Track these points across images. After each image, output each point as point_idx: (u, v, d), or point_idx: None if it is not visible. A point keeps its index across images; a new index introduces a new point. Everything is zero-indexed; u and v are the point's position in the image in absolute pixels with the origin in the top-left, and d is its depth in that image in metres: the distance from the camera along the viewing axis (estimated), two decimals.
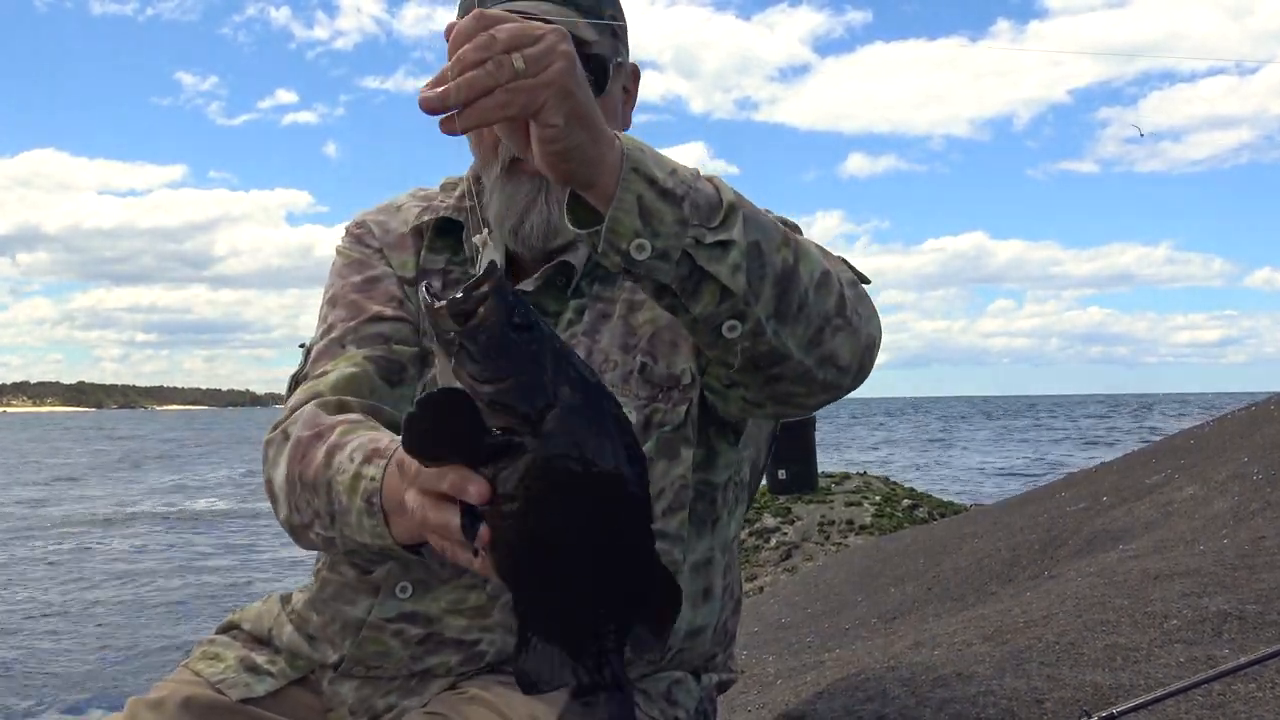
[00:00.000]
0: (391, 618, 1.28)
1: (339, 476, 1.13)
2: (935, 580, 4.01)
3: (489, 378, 0.83)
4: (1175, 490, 3.95)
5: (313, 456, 1.19)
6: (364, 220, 1.45)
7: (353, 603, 1.31)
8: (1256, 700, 1.73)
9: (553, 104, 0.94)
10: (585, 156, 0.98)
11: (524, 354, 0.83)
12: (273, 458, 1.27)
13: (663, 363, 1.28)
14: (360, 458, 1.12)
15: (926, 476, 19.14)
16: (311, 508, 1.19)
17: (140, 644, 7.91)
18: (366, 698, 1.31)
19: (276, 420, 1.31)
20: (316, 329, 1.39)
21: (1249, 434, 4.68)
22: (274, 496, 1.27)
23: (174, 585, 10.60)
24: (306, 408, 1.27)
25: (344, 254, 1.43)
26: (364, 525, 1.11)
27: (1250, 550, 2.64)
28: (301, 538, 1.25)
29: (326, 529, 1.18)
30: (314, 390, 1.29)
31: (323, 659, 1.33)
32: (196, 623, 8.61)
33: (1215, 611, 2.12)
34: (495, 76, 0.91)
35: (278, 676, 1.35)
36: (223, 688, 1.33)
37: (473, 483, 0.86)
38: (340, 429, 1.20)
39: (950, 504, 9.05)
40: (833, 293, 1.12)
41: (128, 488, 23.95)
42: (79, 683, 6.76)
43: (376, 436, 1.15)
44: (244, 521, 16.14)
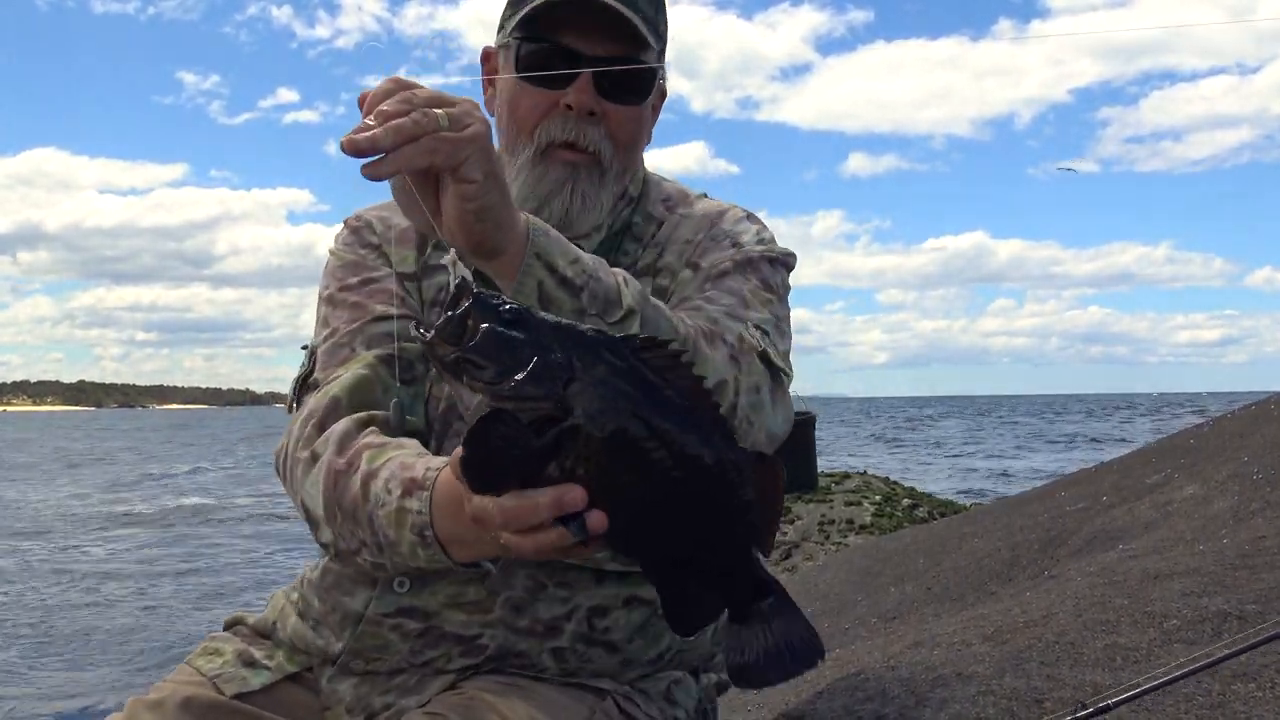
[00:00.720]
0: (389, 612, 1.29)
1: (380, 510, 1.13)
2: (935, 580, 4.01)
3: (502, 376, 0.84)
4: (1175, 490, 3.95)
5: (347, 486, 1.19)
6: (363, 215, 1.45)
7: (351, 594, 1.32)
8: (1256, 700, 1.72)
9: (474, 159, 0.97)
10: (498, 218, 1.01)
11: (526, 343, 0.85)
12: (300, 478, 1.26)
13: None
14: (398, 490, 1.12)
15: (926, 477, 19.15)
16: (357, 537, 1.19)
17: (137, 645, 7.91)
18: (364, 696, 1.31)
19: (293, 429, 1.29)
20: (317, 331, 1.38)
21: (1249, 434, 4.67)
22: (312, 520, 1.26)
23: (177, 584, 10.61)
24: (337, 427, 1.25)
25: (339, 255, 1.42)
26: (419, 555, 1.12)
27: (1250, 550, 2.63)
28: (348, 561, 1.24)
29: (375, 555, 1.18)
30: (331, 396, 1.28)
31: (325, 647, 1.34)
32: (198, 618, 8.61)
33: (1215, 611, 2.12)
34: (422, 125, 0.94)
35: (274, 670, 1.36)
36: (219, 682, 1.34)
37: (567, 495, 0.87)
38: (368, 454, 1.19)
39: (950, 504, 9.05)
40: (724, 402, 1.15)
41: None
42: (77, 683, 6.76)
43: (407, 463, 1.15)
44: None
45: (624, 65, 1.29)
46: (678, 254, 1.38)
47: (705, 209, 1.43)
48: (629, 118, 1.33)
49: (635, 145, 1.37)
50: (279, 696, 1.35)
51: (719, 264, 1.34)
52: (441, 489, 1.08)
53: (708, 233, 1.39)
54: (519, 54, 1.31)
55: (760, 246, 1.37)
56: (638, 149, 1.39)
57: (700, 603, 0.92)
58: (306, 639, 1.36)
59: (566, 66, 1.28)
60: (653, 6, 1.32)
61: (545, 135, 1.30)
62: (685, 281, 1.35)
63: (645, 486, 0.87)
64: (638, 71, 1.31)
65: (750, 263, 1.35)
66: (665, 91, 1.42)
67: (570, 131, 1.30)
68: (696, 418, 0.88)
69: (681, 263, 1.37)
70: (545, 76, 1.29)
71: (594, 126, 1.30)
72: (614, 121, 1.32)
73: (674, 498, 0.88)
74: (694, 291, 1.31)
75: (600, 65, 1.28)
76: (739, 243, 1.37)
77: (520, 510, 0.88)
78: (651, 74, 1.34)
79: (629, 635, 1.32)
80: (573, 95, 1.29)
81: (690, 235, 1.39)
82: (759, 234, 1.40)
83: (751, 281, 1.33)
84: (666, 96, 1.43)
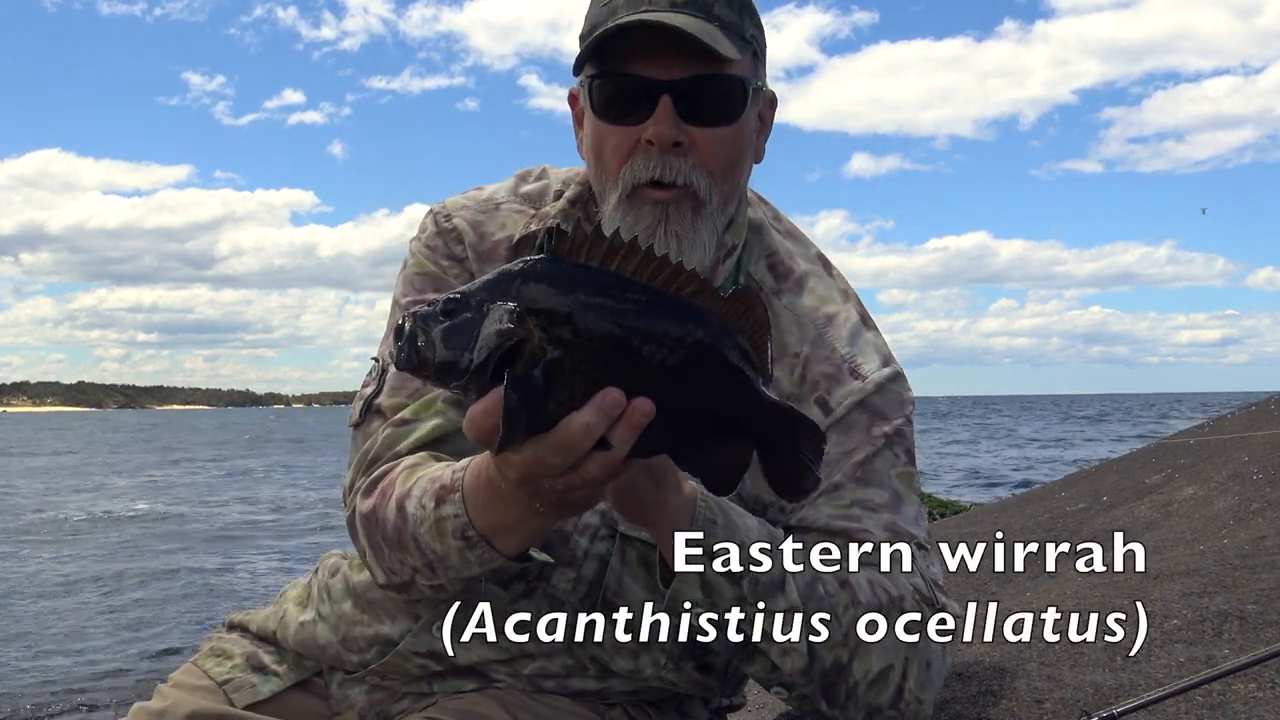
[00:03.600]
0: (421, 651, 1.27)
1: (420, 529, 1.11)
2: None
3: (460, 351, 0.85)
4: (1175, 490, 3.95)
5: (385, 516, 1.16)
6: (455, 218, 1.33)
7: (391, 619, 1.29)
8: (1256, 700, 1.72)
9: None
10: (638, 504, 1.04)
11: (467, 321, 0.85)
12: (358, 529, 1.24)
13: (752, 483, 1.18)
14: (431, 502, 1.10)
15: (926, 477, 19.13)
16: (408, 565, 1.15)
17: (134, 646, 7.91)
18: (378, 702, 1.31)
19: (352, 474, 1.25)
20: (386, 339, 1.31)
21: (1249, 434, 4.67)
22: (370, 567, 1.23)
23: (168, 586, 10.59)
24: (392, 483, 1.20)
25: (419, 260, 1.32)
26: (468, 560, 1.09)
27: (1250, 550, 2.64)
28: (408, 592, 1.21)
29: (429, 578, 1.15)
30: (396, 454, 1.23)
31: (339, 655, 1.32)
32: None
33: (1215, 611, 2.12)
34: None
35: (283, 677, 1.35)
36: (229, 689, 1.33)
37: (605, 399, 0.85)
38: (401, 478, 1.17)
39: (950, 504, 9.05)
40: (888, 688, 1.14)
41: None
42: (76, 683, 6.76)
43: (436, 475, 1.12)
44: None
45: (705, 83, 1.18)
46: (786, 369, 1.26)
47: (812, 306, 1.30)
48: (721, 141, 1.20)
49: (735, 170, 1.23)
50: (286, 704, 1.34)
51: (864, 442, 1.23)
52: (471, 483, 1.06)
53: (821, 351, 1.27)
54: (591, 92, 1.21)
55: (887, 370, 1.27)
56: (738, 173, 1.25)
57: (733, 457, 0.92)
58: (315, 647, 1.34)
59: (642, 97, 1.18)
60: (734, 8, 1.20)
61: (631, 176, 1.19)
62: None
63: (642, 370, 0.87)
64: (719, 87, 1.18)
65: (899, 435, 1.25)
66: (774, 97, 1.30)
67: (655, 169, 1.18)
68: (654, 292, 0.87)
69: (792, 383, 1.26)
70: (619, 111, 1.19)
71: (680, 158, 1.18)
72: (704, 148, 1.19)
73: (670, 370, 0.87)
74: (844, 480, 1.21)
75: (678, 90, 1.17)
76: (860, 373, 1.26)
77: (568, 431, 0.86)
78: (739, 87, 1.20)
79: (660, 696, 1.31)
80: (652, 128, 1.17)
81: (798, 345, 1.27)
82: (877, 350, 1.29)
83: (900, 461, 1.25)
84: (777, 103, 1.31)
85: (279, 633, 1.38)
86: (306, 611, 1.37)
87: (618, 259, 0.87)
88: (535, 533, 1.08)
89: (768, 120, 1.30)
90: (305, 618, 1.36)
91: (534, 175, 1.37)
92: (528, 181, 1.36)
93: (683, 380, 0.88)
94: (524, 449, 0.88)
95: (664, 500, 1.04)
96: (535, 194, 1.34)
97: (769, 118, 1.30)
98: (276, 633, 1.39)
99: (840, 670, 1.12)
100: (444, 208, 1.34)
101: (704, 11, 1.17)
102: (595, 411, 0.85)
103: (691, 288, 0.88)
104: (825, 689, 1.12)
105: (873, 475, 1.23)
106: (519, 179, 1.37)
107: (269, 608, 1.45)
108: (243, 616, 1.46)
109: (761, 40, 1.24)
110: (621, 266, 0.87)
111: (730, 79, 1.19)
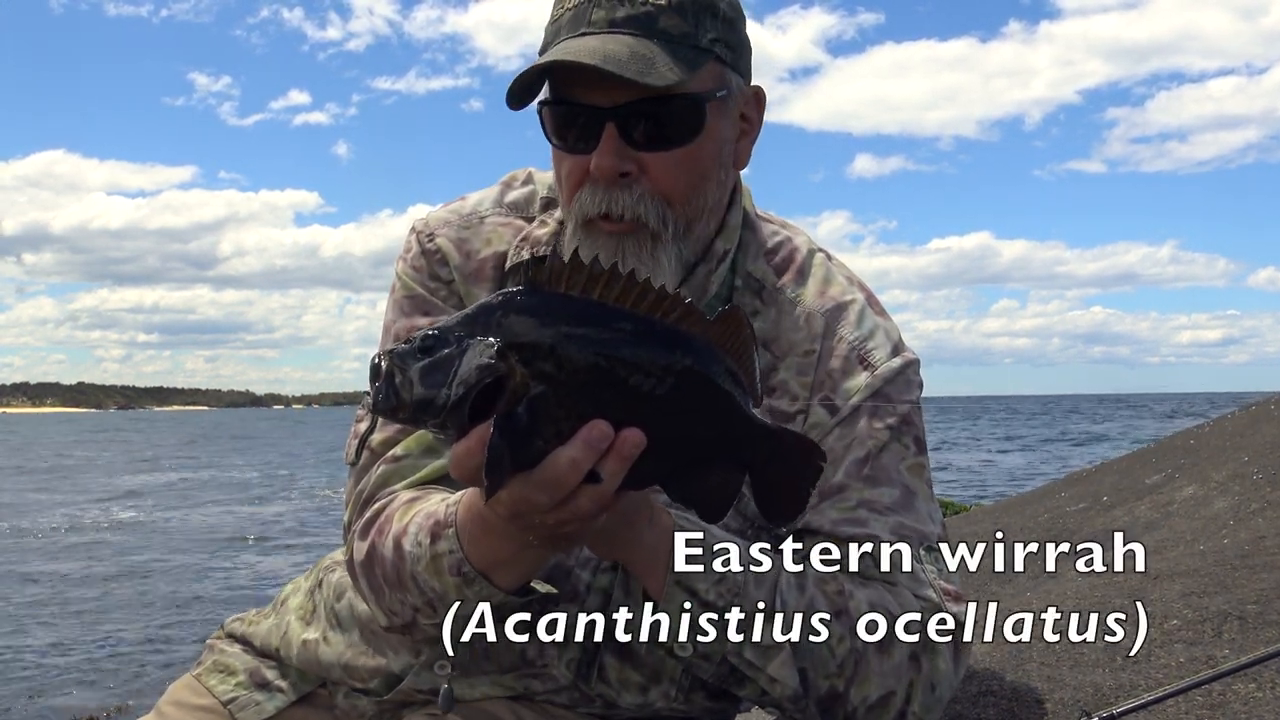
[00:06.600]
0: (424, 690, 1.26)
1: (417, 567, 1.10)
2: None
3: (438, 388, 0.83)
4: (1175, 490, 3.94)
5: (383, 554, 1.15)
6: (438, 238, 1.28)
7: (394, 653, 1.28)
8: (1256, 700, 1.72)
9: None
10: (611, 543, 1.04)
11: (445, 357, 0.84)
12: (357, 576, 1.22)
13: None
14: (426, 539, 1.09)
15: None
16: (409, 605, 1.14)
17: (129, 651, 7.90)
18: (387, 710, 1.30)
19: (352, 518, 1.23)
20: None
21: (1249, 434, 4.67)
22: (372, 610, 1.22)
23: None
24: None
25: (406, 282, 1.29)
26: (467, 596, 1.08)
27: (1250, 550, 2.63)
28: (413, 632, 1.18)
29: (430, 616, 1.13)
30: (392, 493, 1.20)
31: (345, 678, 1.30)
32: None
33: (1215, 611, 2.12)
34: None
35: (287, 692, 1.33)
36: (234, 708, 1.31)
37: (591, 432, 0.84)
38: (398, 514, 1.16)
39: (950, 504, 9.04)
40: (889, 712, 1.12)
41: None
42: (75, 686, 6.75)
43: (431, 511, 1.11)
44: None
45: (652, 106, 1.10)
46: (795, 370, 1.22)
47: (817, 292, 1.25)
48: (676, 163, 1.13)
49: (698, 189, 1.16)
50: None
51: (869, 436, 1.20)
52: (464, 518, 1.05)
53: (829, 345, 1.22)
54: (542, 118, 1.16)
55: (897, 360, 1.23)
56: (702, 191, 1.17)
57: (724, 484, 0.92)
58: (319, 666, 1.32)
59: (588, 124, 1.12)
60: (688, 16, 1.11)
61: (580, 209, 1.15)
62: (822, 427, 1.20)
63: (629, 400, 0.85)
64: (667, 109, 1.11)
65: (907, 424, 1.22)
66: (759, 93, 1.21)
67: (600, 203, 1.13)
68: (637, 320, 0.86)
69: (802, 384, 1.22)
70: (571, 139, 1.14)
71: (626, 191, 1.12)
72: (657, 173, 1.13)
73: (658, 399, 0.86)
74: (850, 480, 1.18)
75: (621, 115, 1.10)
76: (869, 361, 1.22)
77: (555, 467, 0.85)
78: (691, 105, 1.12)
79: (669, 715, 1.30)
80: (594, 160, 1.11)
81: (806, 342, 1.22)
82: (888, 336, 1.25)
83: (910, 452, 1.21)
84: (764, 97, 1.21)
85: (282, 649, 1.36)
86: (311, 630, 1.35)
87: (599, 287, 0.85)
88: (533, 566, 1.08)
89: (753, 119, 1.22)
90: (309, 636, 1.34)
91: (519, 180, 1.34)
92: (513, 188, 1.33)
93: (671, 408, 0.86)
94: (511, 486, 0.86)
95: (637, 537, 1.03)
96: (521, 201, 1.31)
97: (755, 115, 1.22)
98: (280, 649, 1.36)
99: (836, 697, 1.11)
100: (426, 225, 1.30)
101: (645, 28, 1.09)
102: (581, 446, 0.84)
103: (676, 312, 0.87)
104: (823, 713, 1.12)
105: (880, 472, 1.19)
106: (504, 186, 1.34)
107: (269, 617, 1.43)
108: (243, 626, 1.43)
109: (735, 39, 1.16)
110: (604, 294, 0.85)
111: (680, 99, 1.11)
